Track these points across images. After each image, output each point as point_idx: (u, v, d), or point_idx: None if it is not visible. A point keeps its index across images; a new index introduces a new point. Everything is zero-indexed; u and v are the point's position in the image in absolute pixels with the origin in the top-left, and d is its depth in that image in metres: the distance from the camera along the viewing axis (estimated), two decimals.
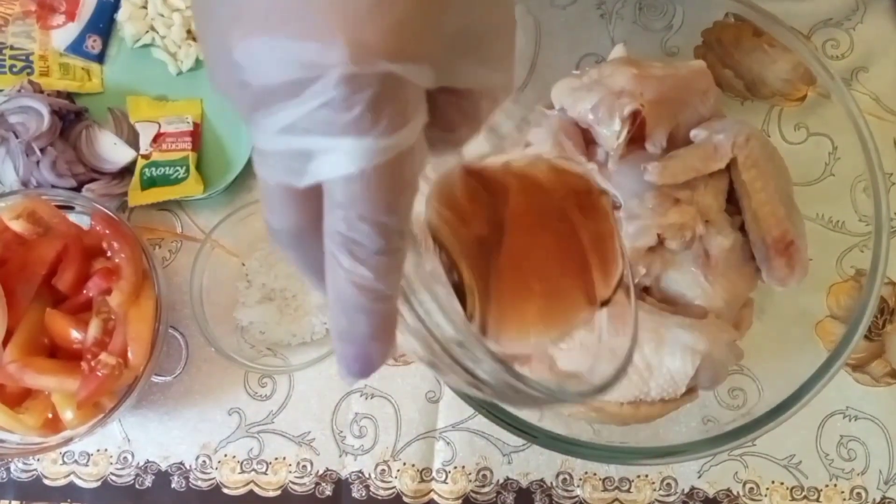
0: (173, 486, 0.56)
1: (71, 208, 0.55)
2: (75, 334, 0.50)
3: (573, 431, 0.46)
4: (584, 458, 0.51)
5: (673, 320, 0.44)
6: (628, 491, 0.54)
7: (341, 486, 0.56)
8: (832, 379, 0.46)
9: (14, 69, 0.61)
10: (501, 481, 0.55)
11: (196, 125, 0.60)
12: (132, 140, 0.60)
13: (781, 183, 0.48)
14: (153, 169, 0.59)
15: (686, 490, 0.54)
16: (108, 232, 0.52)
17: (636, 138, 0.47)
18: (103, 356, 0.49)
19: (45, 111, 0.57)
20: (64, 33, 0.62)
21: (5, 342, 0.49)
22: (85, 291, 0.51)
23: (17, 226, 0.52)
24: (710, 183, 0.47)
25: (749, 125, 0.49)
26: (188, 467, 0.57)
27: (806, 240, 0.48)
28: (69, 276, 0.51)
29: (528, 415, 0.47)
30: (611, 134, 0.46)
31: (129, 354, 0.50)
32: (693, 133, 0.48)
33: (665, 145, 0.48)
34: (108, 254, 0.52)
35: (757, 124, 0.57)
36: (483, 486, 0.55)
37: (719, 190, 0.48)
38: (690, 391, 0.46)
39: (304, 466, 0.56)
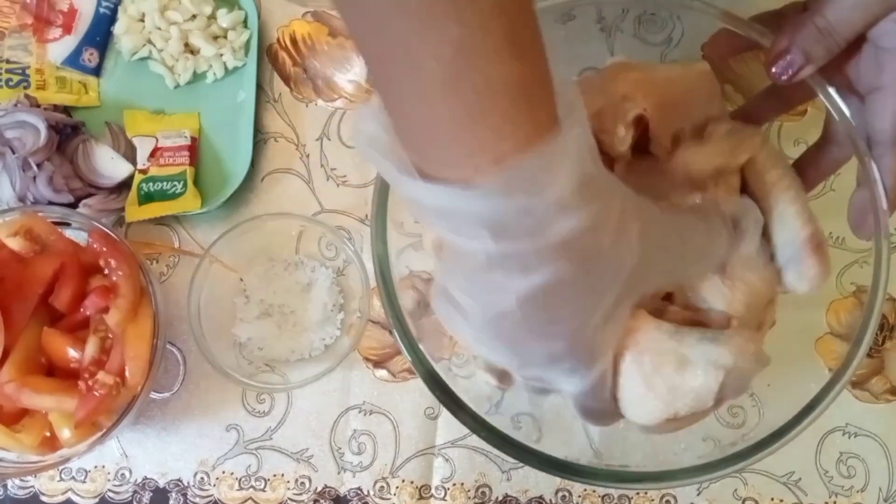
0: (171, 502, 0.56)
1: (67, 224, 0.55)
2: (72, 353, 0.50)
3: (573, 453, 0.46)
4: (582, 483, 0.50)
5: (693, 336, 0.43)
6: None
7: (340, 503, 0.56)
8: (834, 400, 0.45)
9: (10, 83, 0.61)
10: (500, 498, 0.55)
11: (194, 139, 0.60)
12: (129, 154, 0.60)
13: (799, 184, 0.47)
14: (150, 184, 0.58)
15: None
16: (105, 249, 0.52)
17: (640, 145, 0.47)
18: (101, 375, 0.49)
19: (42, 126, 0.57)
20: (60, 46, 0.62)
21: (2, 361, 0.49)
22: (82, 310, 0.51)
23: (14, 243, 0.51)
24: (721, 184, 0.47)
25: (757, 129, 0.48)
26: (186, 484, 0.56)
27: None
28: (66, 294, 0.51)
29: (524, 435, 0.47)
30: (615, 141, 0.45)
31: (127, 373, 0.50)
32: (710, 129, 0.47)
33: (670, 148, 0.47)
34: (106, 271, 0.52)
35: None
36: None
37: (732, 190, 0.47)
38: (718, 401, 0.45)
39: (303, 483, 0.56)
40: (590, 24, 0.59)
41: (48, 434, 0.51)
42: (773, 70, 0.40)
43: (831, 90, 0.43)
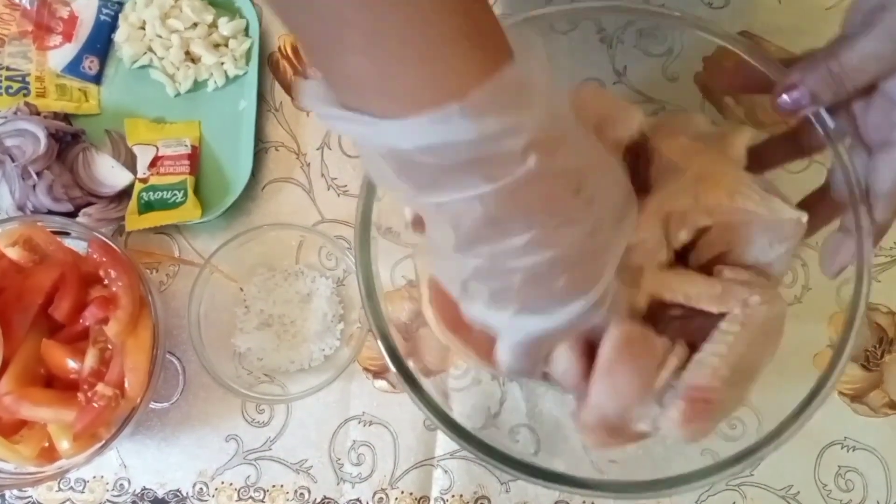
0: None
1: (67, 234, 0.54)
2: (72, 364, 0.50)
3: (571, 467, 0.46)
4: (581, 495, 0.50)
5: None
6: None
7: None
8: (820, 407, 0.45)
9: (10, 90, 0.61)
10: None
11: (194, 148, 0.60)
12: (130, 163, 0.60)
13: (753, 357, 0.43)
14: (151, 193, 0.58)
15: None
16: (104, 260, 0.51)
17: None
18: (100, 387, 0.49)
19: (42, 134, 0.57)
20: (61, 54, 0.61)
21: (1, 372, 0.49)
22: (82, 321, 0.51)
23: (14, 253, 0.51)
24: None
25: (776, 297, 0.44)
26: (185, 494, 0.56)
27: (731, 414, 0.44)
28: (66, 305, 0.51)
29: (522, 448, 0.47)
30: (671, 239, 0.43)
31: (126, 385, 0.50)
32: (719, 268, 0.44)
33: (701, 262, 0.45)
34: (105, 282, 0.52)
35: None
36: None
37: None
38: None
39: (302, 494, 0.56)
40: (590, 34, 0.59)
41: (47, 445, 0.51)
42: (778, 101, 0.40)
43: (840, 145, 0.42)
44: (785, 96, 0.40)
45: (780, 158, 0.48)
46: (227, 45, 0.61)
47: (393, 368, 0.44)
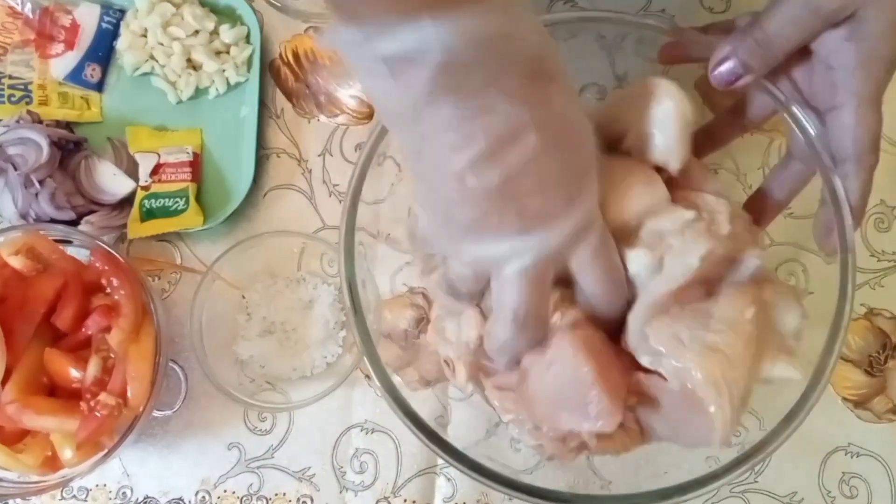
0: None
1: (69, 242, 0.54)
2: (74, 373, 0.50)
3: (571, 477, 0.46)
4: None
5: None
6: None
7: None
8: (815, 405, 0.44)
9: (13, 99, 0.61)
10: None
11: (196, 155, 0.60)
12: (131, 171, 0.60)
13: None
14: (152, 201, 0.58)
15: None
16: (107, 268, 0.52)
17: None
18: (103, 396, 0.49)
19: (45, 143, 0.57)
20: (63, 62, 0.62)
21: (4, 381, 0.49)
22: (84, 329, 0.51)
23: (17, 262, 0.51)
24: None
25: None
26: (188, 502, 0.56)
27: None
28: (69, 313, 0.51)
29: (523, 459, 0.46)
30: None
31: (129, 393, 0.50)
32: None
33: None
34: (108, 290, 0.52)
35: (757, 158, 0.57)
36: None
37: None
38: None
39: (305, 502, 0.56)
40: (590, 42, 0.59)
41: (50, 454, 0.51)
42: (713, 75, 0.41)
43: (795, 107, 0.42)
44: (720, 69, 0.41)
45: (732, 132, 0.49)
46: (228, 53, 0.61)
47: (374, 376, 0.44)
